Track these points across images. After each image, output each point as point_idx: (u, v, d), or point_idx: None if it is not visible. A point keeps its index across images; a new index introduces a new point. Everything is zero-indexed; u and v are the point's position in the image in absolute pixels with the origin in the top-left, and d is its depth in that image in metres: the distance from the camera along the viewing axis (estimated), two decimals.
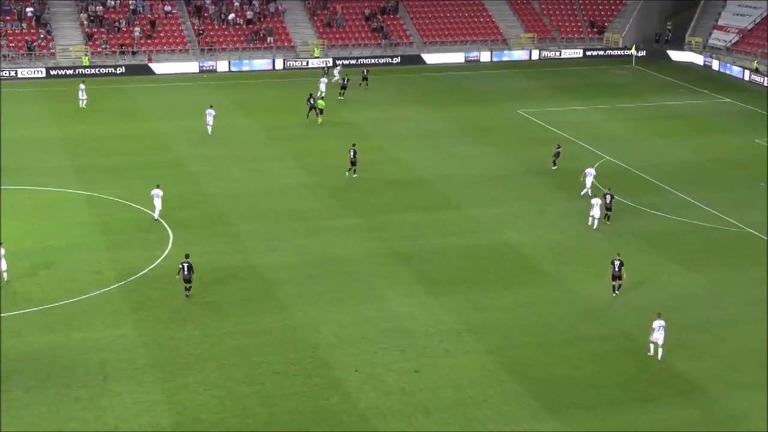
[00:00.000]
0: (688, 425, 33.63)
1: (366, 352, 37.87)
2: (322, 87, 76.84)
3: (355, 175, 58.23)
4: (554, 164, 60.25)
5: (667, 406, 34.66)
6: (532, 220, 52.47)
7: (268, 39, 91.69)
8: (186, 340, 38.42)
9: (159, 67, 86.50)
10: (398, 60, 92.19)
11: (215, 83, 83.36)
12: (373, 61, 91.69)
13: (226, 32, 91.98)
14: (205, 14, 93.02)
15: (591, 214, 51.21)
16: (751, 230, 51.55)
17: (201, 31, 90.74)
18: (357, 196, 55.37)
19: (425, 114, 74.24)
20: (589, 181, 55.64)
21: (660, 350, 37.82)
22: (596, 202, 51.23)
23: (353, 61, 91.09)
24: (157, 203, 50.57)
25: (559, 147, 60.89)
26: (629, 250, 47.84)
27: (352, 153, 58.30)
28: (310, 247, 48.07)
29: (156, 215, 50.60)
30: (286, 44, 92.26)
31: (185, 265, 41.89)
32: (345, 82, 78.27)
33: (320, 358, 37.34)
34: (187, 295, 42.04)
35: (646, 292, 43.36)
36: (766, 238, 50.39)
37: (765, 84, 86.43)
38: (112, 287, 42.91)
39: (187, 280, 41.92)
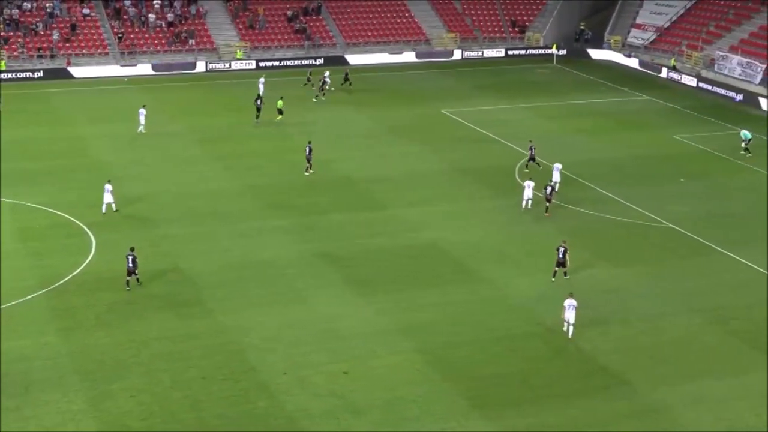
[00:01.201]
0: (614, 418, 34.10)
1: (295, 354, 37.73)
2: (261, 88, 76.40)
3: (312, 171, 58.99)
4: (528, 166, 60.28)
5: (594, 400, 35.13)
6: (458, 218, 52.78)
7: (190, 41, 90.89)
8: (111, 347, 37.88)
9: (78, 71, 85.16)
10: (321, 61, 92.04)
11: (137, 86, 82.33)
12: (296, 62, 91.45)
13: (146, 35, 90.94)
14: (125, 17, 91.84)
15: (524, 197, 52.88)
16: (671, 225, 52.50)
17: (121, 35, 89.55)
18: (284, 198, 55.17)
19: (351, 115, 74.25)
20: (556, 174, 56.48)
21: (570, 328, 39.17)
22: (529, 184, 53.00)
23: (276, 63, 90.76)
24: (107, 197, 51.03)
25: (532, 147, 60.85)
26: (553, 246, 48.38)
27: (307, 150, 58.87)
28: (237, 250, 47.76)
29: (104, 209, 51.17)
30: (208, 46, 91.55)
31: (130, 257, 42.28)
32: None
33: (248, 362, 37.11)
34: (128, 289, 42.37)
35: (570, 288, 43.75)
36: (686, 233, 51.37)
37: (683, 81, 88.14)
38: (35, 295, 42.11)
39: (132, 273, 42.39)
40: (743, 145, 65.82)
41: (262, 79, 78.17)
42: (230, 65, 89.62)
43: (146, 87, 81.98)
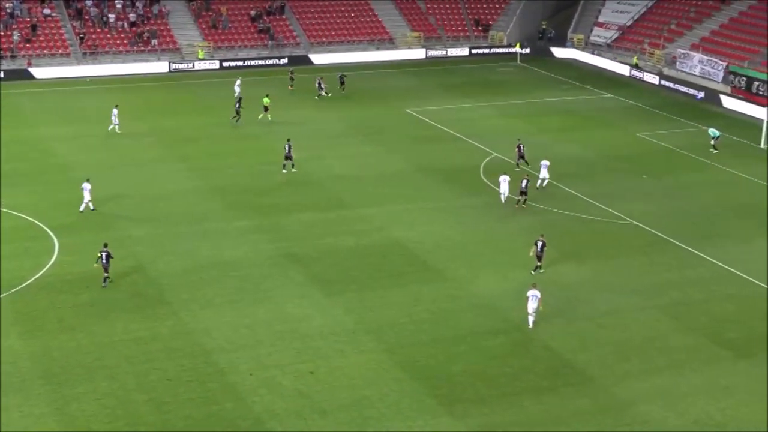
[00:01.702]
0: (580, 414, 34.29)
1: (260, 355, 37.64)
2: (237, 90, 76.18)
3: (294, 170, 59.01)
4: (519, 165, 60.48)
5: (559, 397, 35.31)
6: (422, 217, 52.86)
7: (153, 41, 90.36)
8: (74, 350, 37.59)
9: (40, 72, 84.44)
10: (285, 61, 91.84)
11: (99, 87, 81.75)
12: (260, 62, 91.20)
13: (108, 35, 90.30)
14: (87, 17, 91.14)
15: (501, 191, 53.76)
16: (634, 222, 52.87)
17: (83, 35, 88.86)
18: (248, 198, 54.99)
19: (315, 114, 74.10)
20: (544, 171, 56.81)
21: (531, 318, 39.87)
22: (504, 179, 53.59)
23: (240, 63, 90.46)
24: (86, 196, 51.21)
25: (520, 145, 61.17)
26: (518, 244, 48.68)
27: (287, 148, 58.87)
28: (201, 251, 47.55)
29: (82, 207, 51.30)
30: (171, 46, 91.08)
31: (104, 254, 42.53)
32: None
33: (214, 363, 36.95)
34: (105, 285, 42.74)
35: (540, 283, 44.00)
36: (649, 229, 51.74)
37: (645, 79, 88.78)
38: None
39: (105, 269, 42.60)
40: (712, 142, 66.39)
41: (238, 81, 77.76)
42: (194, 65, 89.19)
43: (109, 88, 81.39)
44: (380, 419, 33.61)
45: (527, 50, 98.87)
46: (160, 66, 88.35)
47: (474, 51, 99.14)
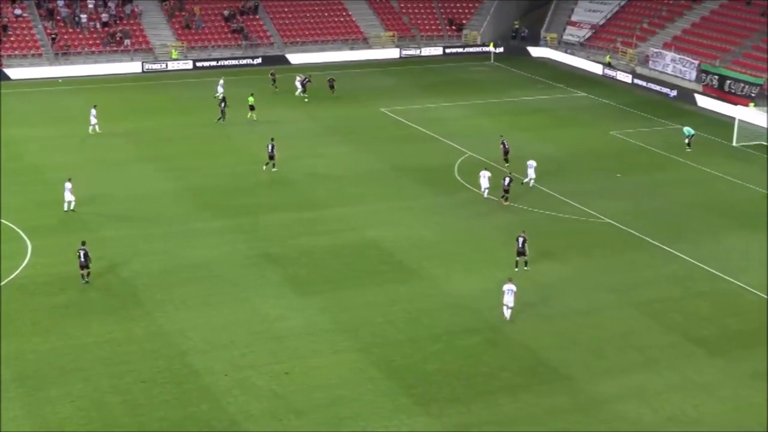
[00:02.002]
0: (556, 412, 34.39)
1: (235, 356, 37.53)
2: (220, 90, 75.86)
3: (274, 170, 58.91)
4: (506, 161, 60.91)
5: (535, 395, 35.40)
6: (397, 216, 52.87)
7: (125, 42, 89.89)
8: (49, 352, 37.34)
9: (12, 72, 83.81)
10: (259, 60, 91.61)
11: (72, 88, 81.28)
12: (234, 62, 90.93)
13: (80, 36, 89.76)
14: (58, 17, 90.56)
15: (482, 186, 54.89)
16: (608, 220, 53.09)
17: (54, 35, 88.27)
18: (224, 199, 54.83)
19: (290, 114, 73.94)
20: (531, 171, 57.16)
21: (508, 311, 40.36)
22: (484, 174, 54.92)
23: (213, 63, 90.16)
24: (68, 196, 51.16)
25: (503, 142, 61.72)
26: (493, 244, 48.82)
27: (270, 147, 58.88)
28: (176, 251, 47.35)
29: (65, 207, 51.44)
30: (144, 47, 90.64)
31: (82, 252, 42.57)
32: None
33: (189, 365, 36.81)
34: (85, 282, 42.93)
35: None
36: (623, 227, 51.98)
37: (618, 78, 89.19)
38: None
39: (84, 267, 42.84)
40: (686, 141, 66.76)
41: (221, 81, 77.44)
42: (167, 66, 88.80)
43: (82, 88, 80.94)
44: (356, 419, 33.58)
45: (501, 49, 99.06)
46: (133, 66, 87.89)
47: (448, 50, 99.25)
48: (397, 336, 39.53)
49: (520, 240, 45.47)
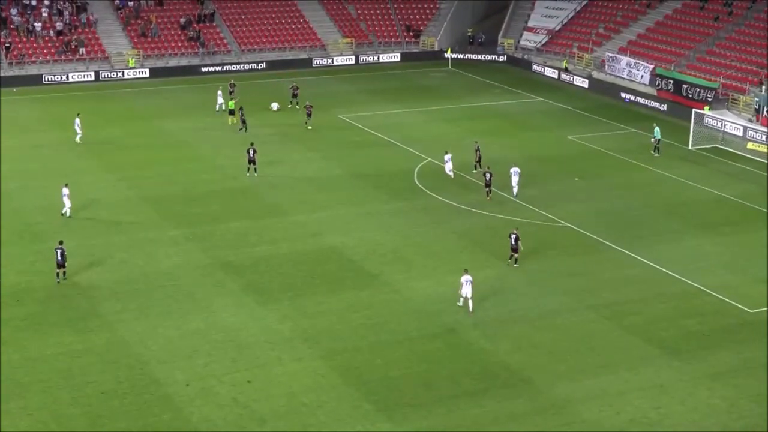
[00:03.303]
0: (517, 416, 34.53)
1: (196, 365, 37.31)
2: (220, 100, 75.54)
3: (256, 174, 59.38)
4: (476, 168, 61.20)
5: (496, 399, 35.51)
6: (356, 222, 52.87)
7: (80, 50, 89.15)
8: (5, 365, 36.86)
9: None
10: (218, 68, 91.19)
11: (26, 97, 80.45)
12: (191, 69, 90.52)
13: (35, 44, 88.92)
14: (11, 26, 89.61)
15: (446, 169, 59.19)
16: (567, 224, 53.43)
17: (8, 44, 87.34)
18: (179, 207, 54.52)
19: (249, 121, 73.53)
20: (515, 178, 57.31)
21: (470, 302, 41.31)
22: (448, 157, 59.40)
23: (170, 71, 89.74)
24: (66, 201, 51.41)
25: (477, 148, 62.10)
26: (451, 248, 48.98)
27: (251, 152, 59.15)
28: (133, 261, 47.00)
29: (63, 210, 52.13)
30: (99, 55, 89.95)
31: (59, 251, 43.60)
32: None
33: (150, 375, 36.54)
34: (58, 282, 43.83)
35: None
36: (581, 231, 52.32)
37: (574, 83, 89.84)
38: None
39: (61, 266, 43.79)
40: (654, 142, 67.25)
41: (219, 91, 76.78)
42: (123, 74, 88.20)
43: (37, 98, 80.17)
44: (319, 426, 33.51)
45: (458, 55, 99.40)
46: (89, 75, 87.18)
47: (406, 56, 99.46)
48: (359, 342, 39.51)
49: (513, 237, 46.46)
